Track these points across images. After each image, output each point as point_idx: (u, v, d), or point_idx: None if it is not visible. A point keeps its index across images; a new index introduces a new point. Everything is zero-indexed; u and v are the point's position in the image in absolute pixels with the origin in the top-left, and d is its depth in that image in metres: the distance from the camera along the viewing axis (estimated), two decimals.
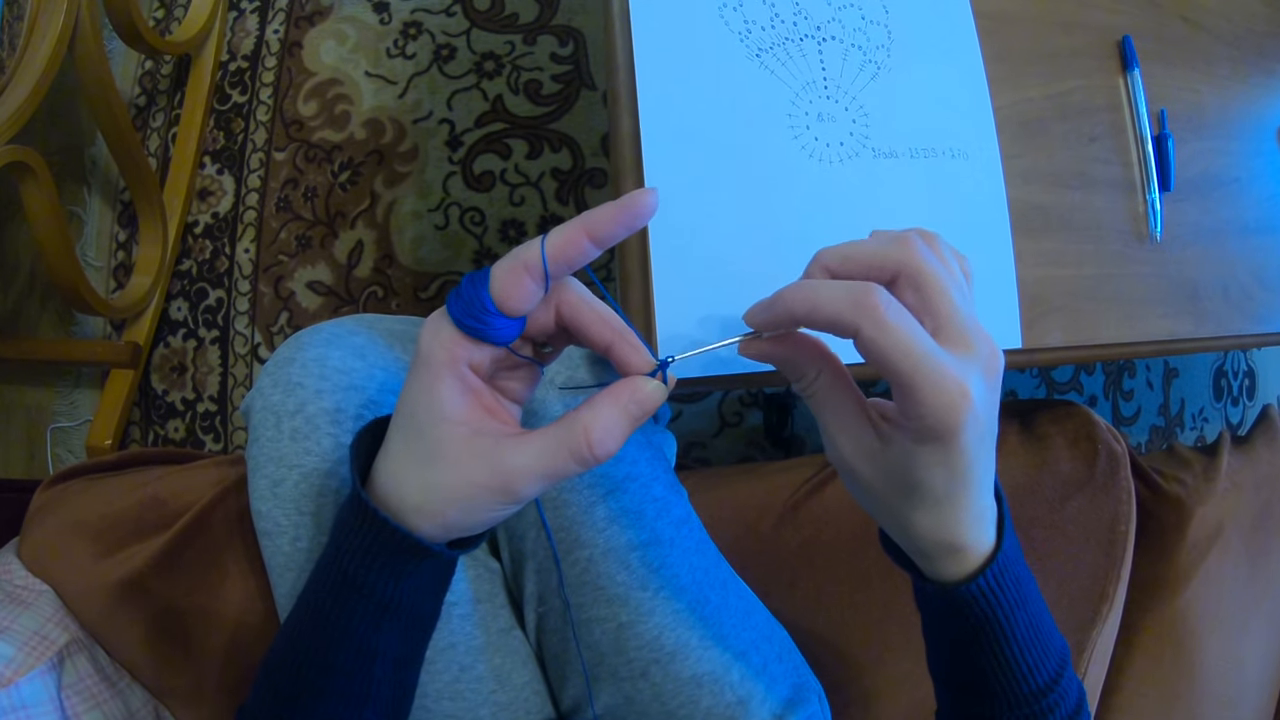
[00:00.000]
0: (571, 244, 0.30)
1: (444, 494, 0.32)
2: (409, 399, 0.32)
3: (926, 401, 0.29)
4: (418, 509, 0.32)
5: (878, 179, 0.50)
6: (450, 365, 0.31)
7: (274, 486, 0.44)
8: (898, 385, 0.30)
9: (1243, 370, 1.34)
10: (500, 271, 0.30)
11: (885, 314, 0.29)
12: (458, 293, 0.31)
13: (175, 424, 1.08)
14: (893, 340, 0.29)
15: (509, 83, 1.09)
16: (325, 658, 0.35)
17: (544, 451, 0.31)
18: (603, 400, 0.31)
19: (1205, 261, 0.61)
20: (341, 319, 0.49)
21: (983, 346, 0.31)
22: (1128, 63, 0.60)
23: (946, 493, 0.32)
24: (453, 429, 0.32)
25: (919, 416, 0.30)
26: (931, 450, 0.31)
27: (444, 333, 0.31)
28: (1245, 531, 0.67)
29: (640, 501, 0.48)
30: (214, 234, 1.10)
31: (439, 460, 0.32)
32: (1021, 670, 0.35)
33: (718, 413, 1.07)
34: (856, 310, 0.29)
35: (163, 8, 1.18)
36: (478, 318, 0.30)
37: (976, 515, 0.34)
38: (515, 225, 1.07)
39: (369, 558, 0.33)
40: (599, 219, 0.30)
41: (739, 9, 0.49)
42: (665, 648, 0.47)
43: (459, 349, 0.31)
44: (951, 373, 0.29)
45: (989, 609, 0.34)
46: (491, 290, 0.30)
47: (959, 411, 0.29)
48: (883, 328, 0.29)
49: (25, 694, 0.48)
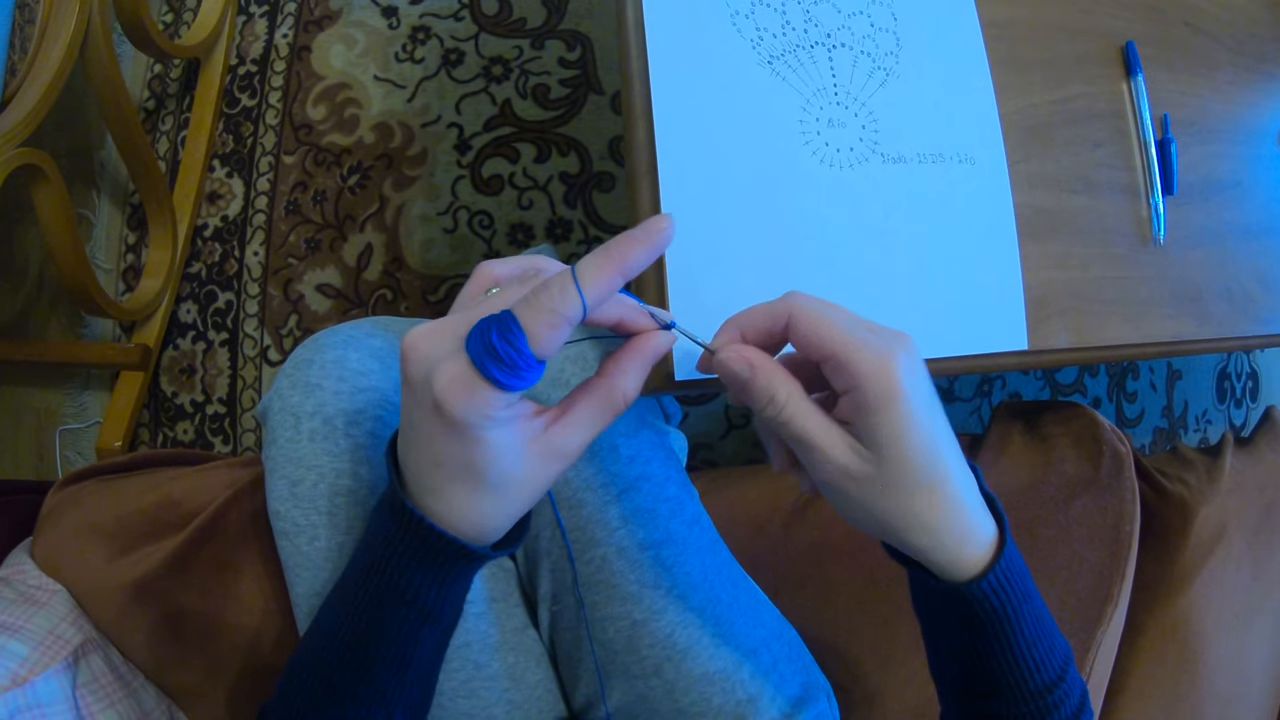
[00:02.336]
0: (608, 287, 0.31)
1: (524, 500, 0.34)
2: (453, 455, 0.32)
3: (860, 368, 0.32)
4: (500, 527, 0.34)
5: (886, 184, 0.51)
6: (494, 418, 0.31)
7: (293, 487, 0.45)
8: (833, 358, 0.32)
9: (1246, 372, 1.34)
10: (540, 327, 0.29)
11: (811, 302, 0.34)
12: (491, 352, 0.29)
13: (184, 426, 1.08)
14: (821, 314, 0.33)
15: (517, 87, 1.10)
16: (361, 663, 0.35)
17: (590, 422, 0.34)
18: (626, 359, 0.34)
19: (1208, 264, 0.62)
20: (358, 321, 0.50)
21: (888, 333, 0.34)
22: (1131, 68, 0.60)
23: (929, 466, 0.33)
24: (514, 457, 0.32)
25: (861, 380, 0.32)
26: (890, 415, 0.32)
27: (479, 395, 0.30)
28: (1248, 532, 0.68)
29: (653, 501, 0.48)
30: (223, 237, 1.11)
31: (513, 483, 0.33)
32: (1028, 667, 0.36)
33: (724, 415, 1.07)
34: (786, 302, 0.34)
35: (172, 12, 1.19)
36: (520, 375, 0.30)
37: (964, 493, 0.34)
38: (524, 229, 1.07)
39: (415, 565, 0.34)
40: (633, 257, 0.31)
41: (750, 17, 0.50)
42: (677, 646, 0.48)
43: (496, 400, 0.30)
44: (874, 339, 0.33)
45: (998, 606, 0.35)
46: (532, 346, 0.29)
47: (893, 366, 0.32)
48: (809, 312, 0.33)
49: (40, 693, 0.48)
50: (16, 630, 0.50)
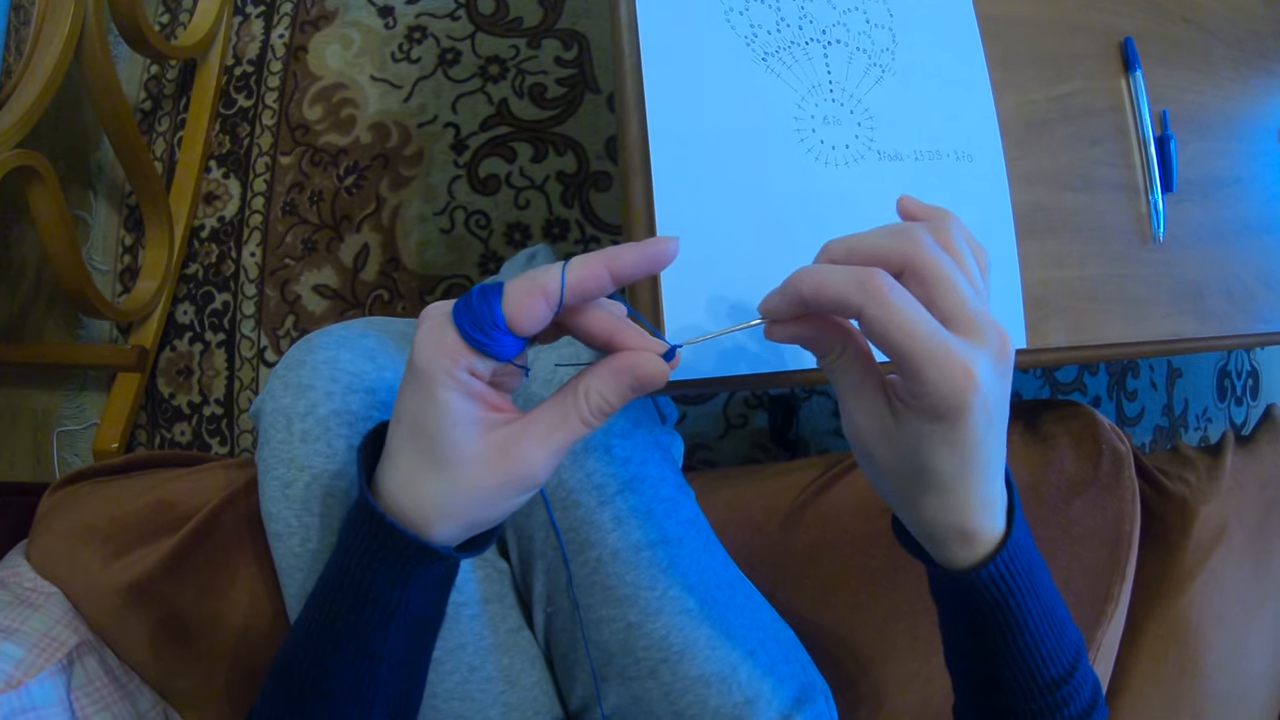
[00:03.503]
0: (593, 277, 0.31)
1: (467, 494, 0.32)
2: (412, 410, 0.32)
3: (931, 380, 0.30)
4: (441, 515, 0.33)
5: (883, 181, 0.51)
6: (453, 374, 0.31)
7: (285, 488, 0.45)
8: (902, 364, 0.30)
9: (1246, 370, 1.34)
10: (517, 291, 0.31)
11: (888, 294, 0.30)
12: (467, 303, 0.31)
13: (182, 427, 1.08)
14: (896, 319, 0.30)
15: (514, 86, 1.10)
16: (331, 661, 0.35)
17: (553, 424, 0.32)
18: (602, 366, 0.32)
19: (1208, 262, 0.61)
20: (351, 321, 0.49)
21: (992, 335, 0.31)
22: (1130, 64, 0.60)
23: (955, 476, 0.32)
24: (465, 431, 0.32)
25: (924, 395, 0.30)
26: (939, 431, 0.31)
27: (446, 341, 0.31)
28: (1249, 531, 0.67)
29: (649, 502, 0.48)
30: (220, 238, 1.10)
31: (456, 464, 0.32)
32: (1038, 660, 0.36)
33: (723, 415, 1.07)
34: (861, 290, 0.30)
35: (168, 13, 1.19)
36: (486, 333, 0.30)
37: (985, 501, 0.34)
38: (520, 228, 1.07)
39: (375, 563, 0.33)
40: (623, 259, 0.31)
41: (745, 13, 0.49)
42: (673, 647, 0.47)
43: (461, 357, 0.31)
44: (956, 354, 0.30)
45: (1002, 596, 0.35)
46: (505, 308, 0.30)
47: (965, 393, 0.30)
48: (885, 306, 0.30)
49: (35, 695, 0.48)
50: (11, 632, 0.50)
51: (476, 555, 0.37)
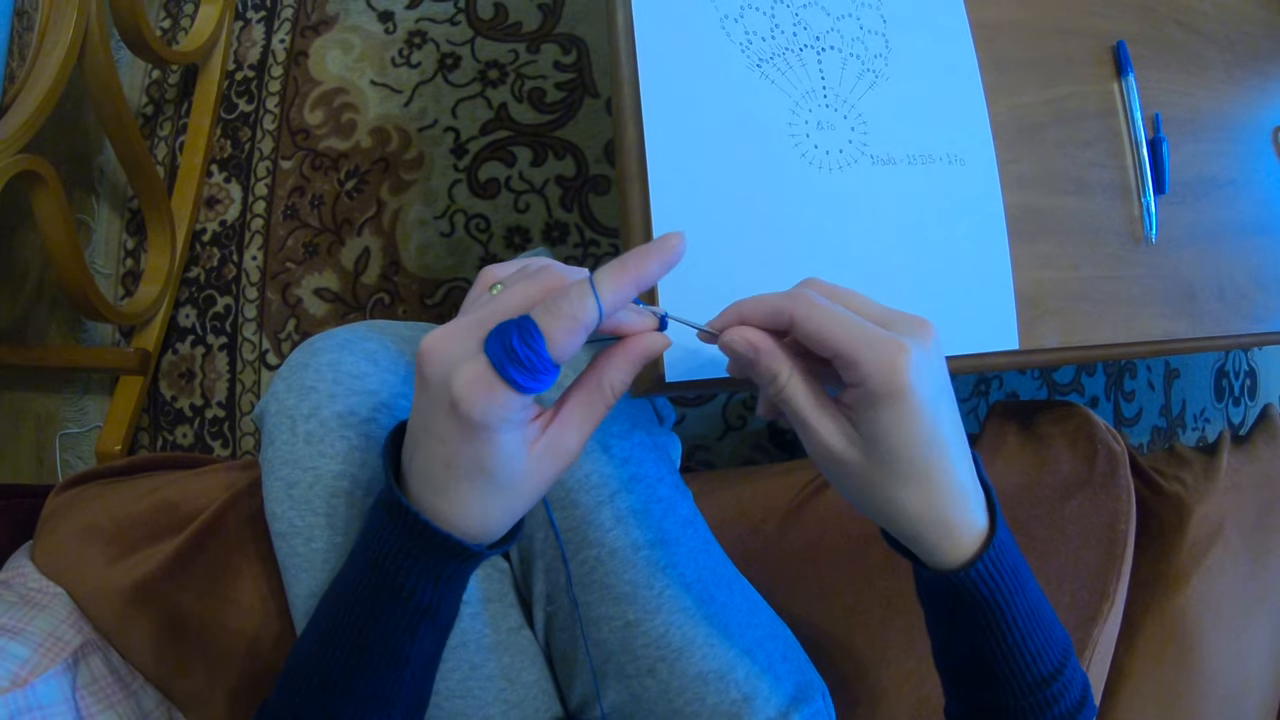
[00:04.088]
0: (626, 298, 0.32)
1: (526, 500, 0.35)
2: (468, 456, 0.32)
3: (867, 360, 0.32)
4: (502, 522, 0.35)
5: (876, 185, 0.51)
6: (508, 420, 0.32)
7: (289, 489, 0.45)
8: (839, 358, 0.33)
9: (1244, 370, 1.34)
10: (559, 332, 0.30)
11: (815, 298, 0.34)
12: (510, 355, 0.30)
13: (184, 430, 1.09)
14: (825, 316, 0.33)
15: (513, 91, 1.10)
16: (358, 660, 0.36)
17: (585, 418, 0.34)
18: (618, 353, 0.34)
19: (1201, 262, 0.62)
20: (353, 324, 0.50)
21: (909, 323, 0.34)
22: (1122, 68, 0.61)
23: (919, 458, 0.34)
24: (523, 455, 0.33)
25: (865, 378, 0.32)
26: (890, 413, 0.32)
27: (497, 394, 0.31)
28: (1246, 530, 0.68)
29: (646, 502, 0.49)
30: (222, 241, 1.11)
31: (515, 484, 0.34)
32: (1025, 658, 0.36)
33: (722, 416, 1.07)
34: (789, 299, 0.34)
35: (169, 18, 1.19)
36: (538, 379, 0.31)
37: (957, 486, 0.35)
38: (520, 232, 1.08)
39: (411, 562, 0.34)
40: (648, 269, 0.32)
41: (739, 20, 0.50)
42: (672, 645, 0.48)
43: (514, 403, 0.31)
44: (883, 337, 0.33)
45: (989, 594, 0.35)
46: (551, 351, 0.30)
47: (901, 364, 0.32)
48: (814, 307, 0.34)
49: (41, 694, 0.49)
50: (17, 632, 0.51)
51: (507, 549, 0.38)
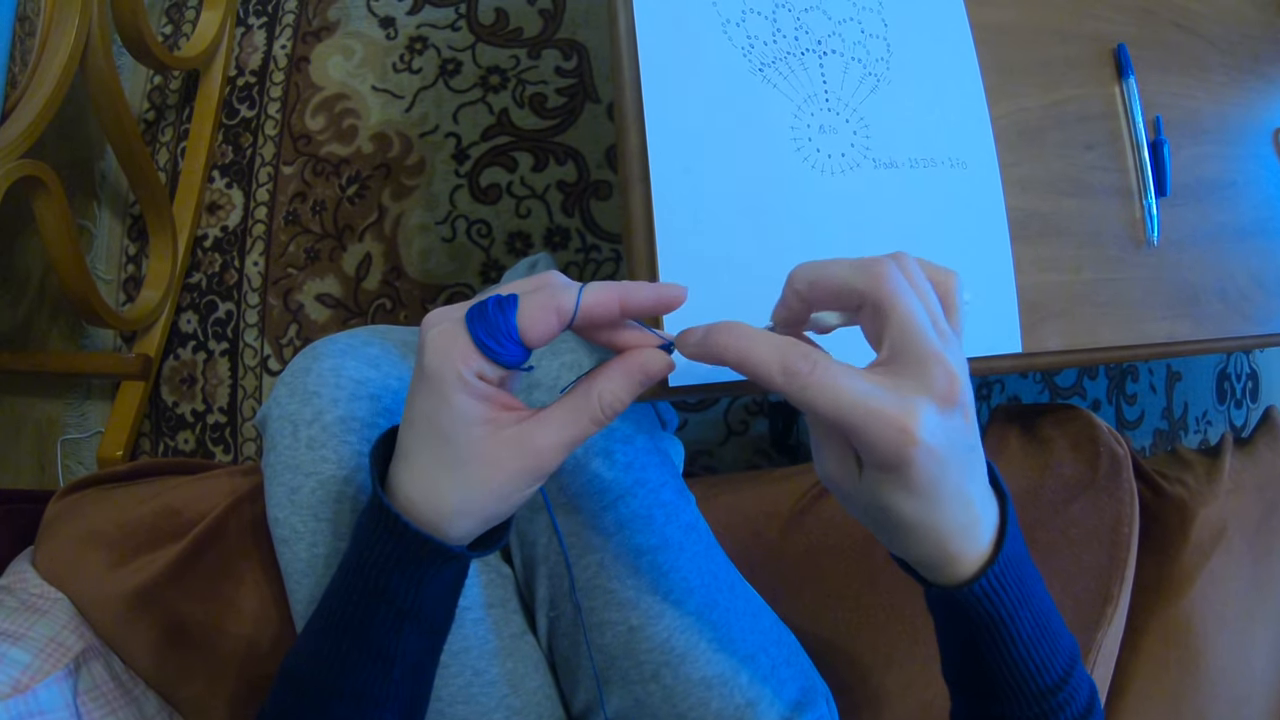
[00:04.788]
0: (604, 306, 0.33)
1: (483, 489, 0.34)
2: (426, 413, 0.33)
3: (869, 441, 0.30)
4: (457, 511, 0.34)
5: (879, 189, 0.51)
6: (463, 377, 0.32)
7: (291, 494, 0.45)
8: (840, 430, 0.31)
9: (1246, 373, 1.34)
10: (532, 307, 0.32)
11: (809, 377, 0.30)
12: (482, 312, 0.32)
13: (185, 436, 1.09)
14: (820, 398, 0.30)
15: (514, 96, 1.11)
16: (345, 661, 0.36)
17: (565, 423, 0.34)
18: (614, 367, 0.34)
19: (1203, 265, 0.62)
20: (355, 330, 0.50)
21: (939, 377, 0.31)
22: (1123, 71, 0.61)
23: (920, 516, 0.33)
24: (478, 430, 0.33)
25: (867, 452, 0.31)
26: (891, 479, 0.31)
27: (459, 346, 0.32)
28: (1248, 533, 0.68)
29: (649, 507, 0.49)
30: (223, 247, 1.11)
31: (470, 462, 0.33)
32: (1030, 669, 0.36)
33: (724, 421, 1.07)
34: (783, 374, 0.31)
35: (171, 24, 1.20)
36: (500, 342, 0.32)
37: (960, 528, 0.34)
38: (522, 237, 1.08)
39: (390, 564, 0.34)
40: (637, 297, 0.33)
41: (741, 25, 0.50)
42: (675, 650, 0.48)
43: (472, 361, 0.32)
44: (889, 411, 0.30)
45: (992, 610, 0.35)
46: (519, 320, 0.32)
47: (902, 447, 0.30)
48: (805, 389, 0.30)
49: (42, 699, 0.49)
50: (18, 638, 0.50)
51: (488, 554, 0.38)
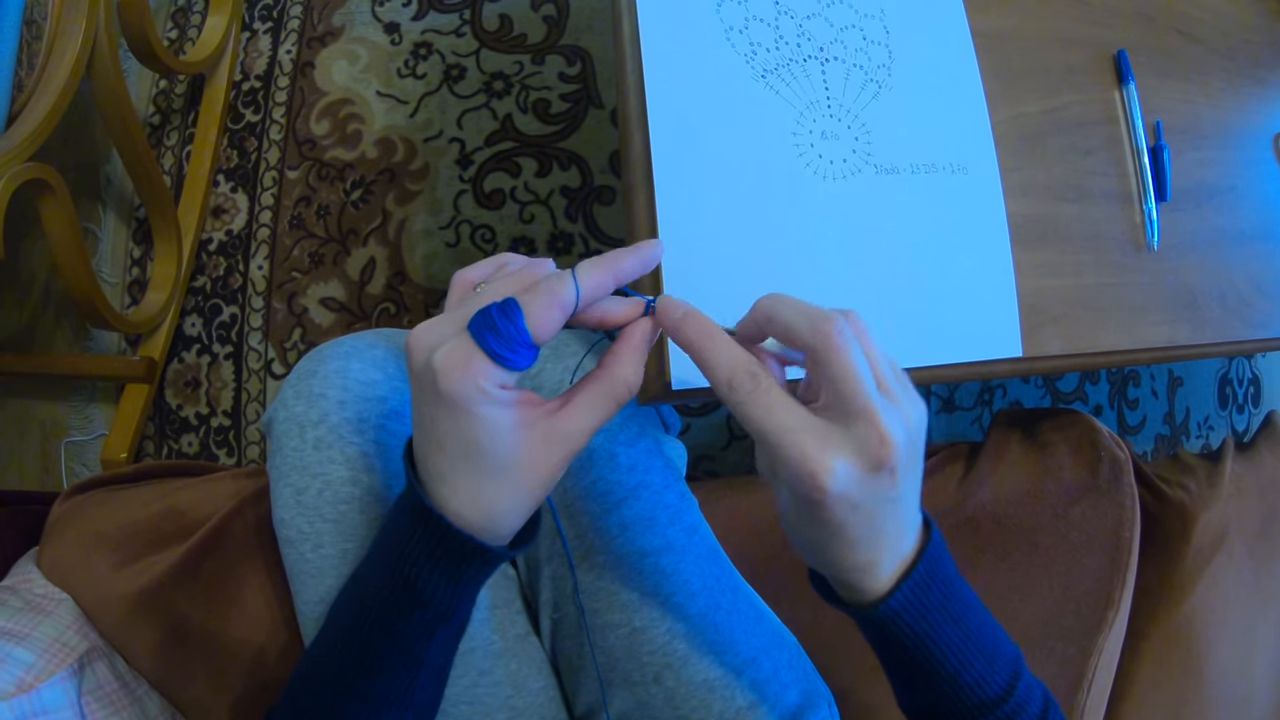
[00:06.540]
0: (602, 286, 0.34)
1: (527, 486, 0.34)
2: (456, 434, 0.33)
3: (784, 473, 0.32)
4: (507, 512, 0.34)
5: (880, 194, 0.52)
6: (486, 392, 0.32)
7: (298, 495, 0.46)
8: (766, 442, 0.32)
9: (1247, 378, 1.34)
10: (537, 307, 0.32)
11: (749, 395, 0.32)
12: (490, 325, 0.32)
13: (189, 438, 1.09)
14: (751, 418, 0.32)
15: (518, 102, 1.11)
16: (374, 663, 0.36)
17: (593, 408, 0.35)
18: (623, 348, 0.35)
19: (1203, 269, 0.62)
20: (360, 333, 0.50)
21: (869, 437, 0.31)
22: (1123, 76, 0.61)
23: (822, 543, 0.34)
24: (515, 434, 0.33)
25: (785, 479, 0.32)
26: (804, 505, 0.32)
27: (475, 364, 0.32)
28: (1250, 537, 0.68)
29: (652, 509, 0.49)
30: (228, 251, 1.12)
31: (515, 465, 0.34)
32: (965, 682, 0.35)
33: (727, 425, 1.08)
34: (728, 387, 0.33)
35: (176, 28, 1.20)
36: (514, 349, 0.32)
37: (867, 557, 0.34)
38: (525, 242, 1.08)
39: (432, 565, 0.34)
40: (625, 264, 0.34)
41: (744, 32, 0.50)
42: (677, 653, 0.48)
43: (491, 375, 0.32)
44: (808, 456, 0.31)
45: (914, 623, 0.34)
46: (530, 324, 0.32)
47: (811, 490, 0.31)
48: (743, 405, 0.32)
49: (47, 699, 0.49)
50: (23, 638, 0.51)
51: (528, 549, 0.38)
